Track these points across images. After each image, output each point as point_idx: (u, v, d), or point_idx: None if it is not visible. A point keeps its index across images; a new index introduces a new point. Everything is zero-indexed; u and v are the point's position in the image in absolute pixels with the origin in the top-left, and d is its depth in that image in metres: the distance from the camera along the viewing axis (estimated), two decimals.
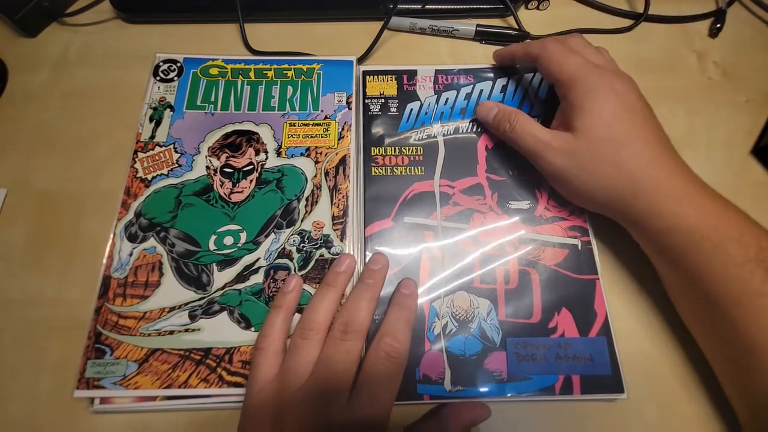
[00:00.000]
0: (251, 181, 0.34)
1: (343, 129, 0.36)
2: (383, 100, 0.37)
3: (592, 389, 0.29)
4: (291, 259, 0.32)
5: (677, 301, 0.30)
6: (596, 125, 0.29)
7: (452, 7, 0.43)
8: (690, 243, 0.27)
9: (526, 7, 0.44)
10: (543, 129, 0.32)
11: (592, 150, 0.29)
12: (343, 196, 0.34)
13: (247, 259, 0.32)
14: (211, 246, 0.32)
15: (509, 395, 0.29)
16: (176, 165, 0.35)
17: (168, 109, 0.37)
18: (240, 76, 0.39)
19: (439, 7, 0.42)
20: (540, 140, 0.31)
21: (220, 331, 0.30)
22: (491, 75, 0.38)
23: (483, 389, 0.29)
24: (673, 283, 0.30)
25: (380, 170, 0.35)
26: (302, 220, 0.33)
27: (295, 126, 0.36)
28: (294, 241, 0.33)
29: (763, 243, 0.26)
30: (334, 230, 0.33)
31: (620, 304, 0.32)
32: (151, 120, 0.37)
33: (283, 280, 0.31)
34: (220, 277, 0.32)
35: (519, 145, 0.32)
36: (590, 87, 0.30)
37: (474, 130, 0.36)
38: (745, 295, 0.25)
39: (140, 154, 0.35)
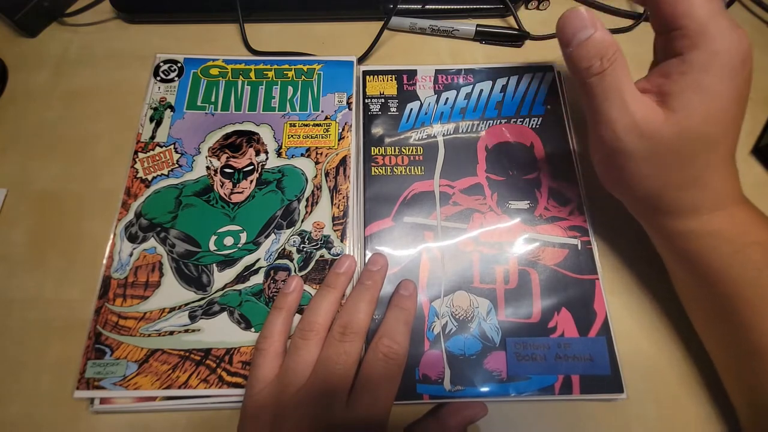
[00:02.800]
0: (251, 181, 0.34)
1: (343, 129, 0.36)
2: (383, 100, 0.37)
3: (592, 389, 0.29)
4: (291, 260, 0.32)
5: (687, 300, 0.30)
6: (703, 116, 0.23)
7: (452, 7, 0.43)
8: (712, 246, 0.26)
9: (526, 7, 0.44)
10: (635, 92, 0.24)
11: (675, 143, 0.23)
12: (344, 197, 0.34)
13: (248, 260, 0.32)
14: (212, 246, 0.32)
15: (509, 395, 0.29)
16: (176, 165, 0.35)
17: (168, 110, 0.37)
18: (240, 77, 0.39)
19: (439, 7, 0.42)
20: (625, 107, 0.23)
21: (220, 332, 0.30)
22: (491, 75, 0.38)
23: (482, 389, 0.29)
24: (685, 282, 0.29)
25: (380, 170, 0.35)
26: (302, 221, 0.33)
27: (295, 126, 0.36)
28: (294, 241, 0.33)
29: None
30: (335, 231, 0.33)
31: (620, 304, 0.32)
32: (151, 120, 0.37)
33: (284, 280, 0.31)
34: (221, 278, 0.32)
35: (593, 101, 0.24)
36: (722, 53, 0.22)
37: (474, 130, 0.36)
38: (761, 300, 0.25)
39: (140, 155, 0.35)
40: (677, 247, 0.28)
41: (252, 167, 0.35)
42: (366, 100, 0.37)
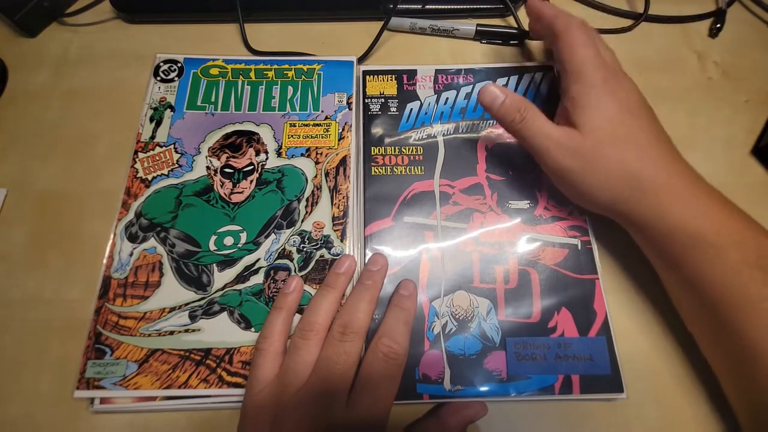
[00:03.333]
0: (251, 181, 0.34)
1: (343, 129, 0.36)
2: (383, 100, 0.37)
3: (592, 389, 0.29)
4: (291, 260, 0.32)
5: (679, 305, 0.30)
6: (601, 124, 0.28)
7: (452, 7, 0.43)
8: (690, 247, 0.26)
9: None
10: (552, 125, 0.30)
11: (598, 149, 0.28)
12: (344, 197, 0.34)
13: (248, 260, 0.32)
14: (212, 246, 0.32)
15: (509, 395, 0.29)
16: (176, 165, 0.35)
17: (168, 110, 0.37)
18: (240, 77, 0.39)
19: (439, 7, 0.42)
20: (549, 137, 0.29)
21: (220, 332, 0.30)
22: (491, 75, 0.38)
23: (482, 389, 0.29)
24: (674, 287, 0.29)
25: (380, 170, 0.35)
26: (302, 221, 0.33)
27: (295, 126, 0.36)
28: (294, 241, 0.33)
29: (763, 247, 0.25)
30: (335, 231, 0.33)
31: (620, 304, 0.32)
32: (151, 120, 0.37)
33: (284, 280, 0.31)
34: (221, 278, 0.32)
35: (526, 142, 0.30)
36: (595, 84, 0.29)
37: (474, 129, 0.36)
38: (744, 300, 0.25)
39: (140, 155, 0.35)
40: (660, 251, 0.29)
41: (252, 167, 0.35)
42: (366, 100, 0.37)
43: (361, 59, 0.40)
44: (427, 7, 0.42)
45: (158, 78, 0.38)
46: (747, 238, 0.26)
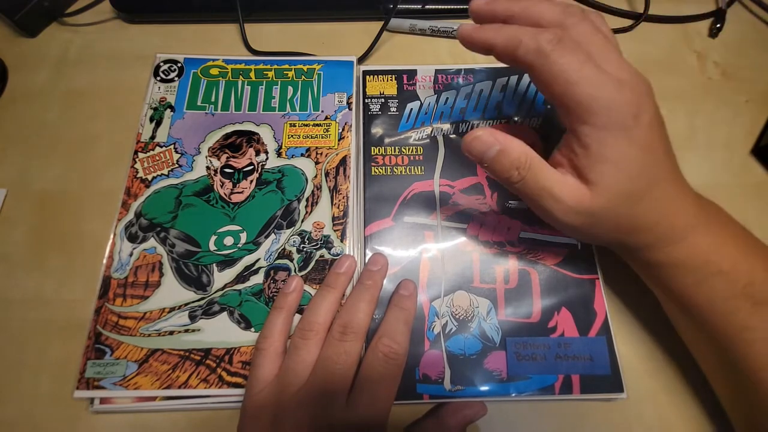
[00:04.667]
0: (251, 181, 0.34)
1: (343, 129, 0.36)
2: (383, 100, 0.37)
3: (592, 389, 0.29)
4: (291, 260, 0.32)
5: (675, 323, 0.30)
6: (618, 181, 0.23)
7: (452, 7, 0.43)
8: (678, 276, 0.26)
9: None
10: (557, 181, 0.24)
11: (609, 210, 0.24)
12: (344, 197, 0.34)
13: (248, 260, 0.32)
14: (212, 246, 0.32)
15: (509, 395, 0.29)
16: (176, 165, 0.35)
17: (168, 110, 0.37)
18: (240, 77, 0.39)
19: (439, 7, 0.42)
20: (555, 200, 0.24)
21: (220, 332, 0.30)
22: (491, 75, 0.38)
23: (483, 389, 0.29)
24: (668, 308, 0.29)
25: (380, 170, 0.35)
26: (302, 221, 0.33)
27: (295, 126, 0.36)
28: (294, 241, 0.33)
29: (755, 276, 0.24)
30: (335, 231, 0.33)
31: (620, 304, 0.32)
32: (151, 120, 0.37)
33: (284, 280, 0.31)
34: (220, 278, 0.32)
35: (526, 199, 0.26)
36: (608, 124, 0.22)
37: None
38: (731, 328, 0.24)
39: (140, 155, 0.35)
40: (651, 275, 0.28)
41: (252, 167, 0.35)
42: (366, 100, 0.37)
43: (361, 59, 0.40)
44: (427, 7, 0.42)
45: (158, 78, 0.38)
46: (738, 267, 0.25)
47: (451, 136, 0.36)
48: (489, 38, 0.24)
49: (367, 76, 0.38)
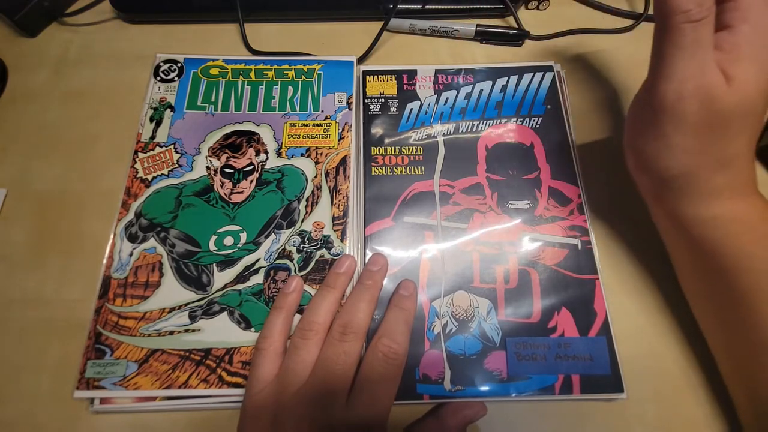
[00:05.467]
0: (251, 181, 0.34)
1: (343, 129, 0.36)
2: (383, 100, 0.37)
3: (592, 389, 0.29)
4: (291, 260, 0.32)
5: (695, 295, 0.29)
6: (757, 87, 0.23)
7: (452, 7, 0.43)
8: (733, 232, 0.25)
9: (526, 7, 0.44)
10: (713, 55, 0.23)
11: (732, 115, 0.23)
12: (344, 197, 0.34)
13: (248, 260, 0.32)
14: (212, 246, 0.32)
15: (509, 395, 0.29)
16: (176, 165, 0.35)
17: (168, 110, 0.37)
18: (240, 77, 0.39)
19: (439, 7, 0.42)
20: (703, 69, 0.22)
21: (220, 332, 0.30)
22: (491, 75, 0.38)
23: (483, 389, 0.29)
24: (696, 276, 0.28)
25: (380, 170, 0.35)
26: (302, 221, 0.33)
27: (295, 126, 0.36)
28: (294, 241, 0.33)
29: None
30: (335, 231, 0.33)
31: (620, 304, 0.32)
32: (151, 120, 0.37)
33: (284, 280, 0.31)
34: (221, 278, 0.32)
35: (676, 50, 0.23)
36: (763, 28, 0.23)
37: (474, 129, 0.36)
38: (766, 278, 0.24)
39: (140, 155, 0.35)
40: (694, 236, 0.27)
41: (252, 167, 0.35)
42: (366, 100, 0.37)
43: (361, 59, 0.40)
44: (427, 7, 0.42)
45: (158, 78, 0.38)
46: None
47: (451, 136, 0.36)
48: None
49: (367, 76, 0.38)
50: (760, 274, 0.25)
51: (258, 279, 0.32)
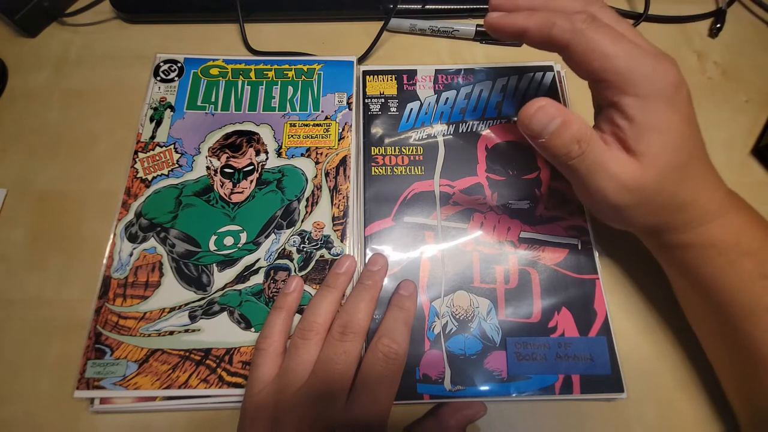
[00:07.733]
0: (251, 181, 0.34)
1: (343, 129, 0.36)
2: (383, 100, 0.37)
3: (592, 389, 0.29)
4: (291, 260, 0.32)
5: (688, 309, 0.30)
6: (666, 150, 0.23)
7: (452, 7, 0.43)
8: (707, 257, 0.26)
9: None
10: (612, 155, 0.24)
11: (658, 185, 0.24)
12: (344, 197, 0.34)
13: (248, 260, 0.32)
14: (212, 246, 0.32)
15: (509, 395, 0.29)
16: (176, 165, 0.35)
17: (168, 110, 0.37)
18: (240, 77, 0.39)
19: (439, 7, 0.42)
20: (609, 174, 0.23)
21: (220, 332, 0.30)
22: (491, 75, 0.38)
23: (483, 389, 0.29)
24: (685, 293, 0.29)
25: (380, 170, 0.35)
26: (302, 221, 0.33)
27: (295, 126, 0.36)
28: (294, 241, 0.33)
29: None
30: (335, 231, 0.33)
31: (620, 304, 0.32)
32: (151, 120, 0.37)
33: (284, 280, 0.31)
34: (221, 278, 0.32)
35: (579, 177, 0.24)
36: (652, 92, 0.23)
37: (474, 129, 0.36)
38: (757, 309, 0.25)
39: (141, 155, 0.35)
40: (675, 259, 0.28)
41: (252, 167, 0.35)
42: (366, 100, 0.37)
43: (361, 59, 0.40)
44: (427, 7, 0.42)
45: (158, 78, 0.38)
46: (765, 249, 0.25)
47: (451, 136, 0.36)
48: (521, 23, 0.25)
49: (367, 76, 0.38)
50: (733, 294, 0.25)
51: (258, 279, 0.32)
